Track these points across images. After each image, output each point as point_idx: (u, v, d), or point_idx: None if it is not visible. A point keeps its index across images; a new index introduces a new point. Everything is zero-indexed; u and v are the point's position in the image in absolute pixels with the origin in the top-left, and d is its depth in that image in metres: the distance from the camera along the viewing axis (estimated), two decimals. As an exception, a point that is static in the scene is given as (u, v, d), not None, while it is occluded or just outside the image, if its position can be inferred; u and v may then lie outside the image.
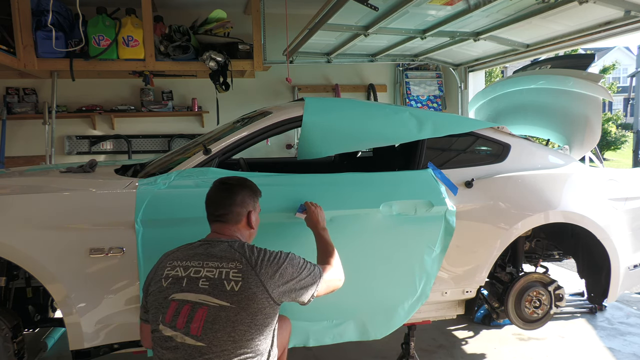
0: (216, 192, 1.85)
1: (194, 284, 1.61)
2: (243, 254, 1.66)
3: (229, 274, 1.60)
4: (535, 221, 2.69)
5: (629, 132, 15.89)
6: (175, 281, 1.64)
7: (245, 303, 1.57)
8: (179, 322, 1.58)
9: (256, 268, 1.63)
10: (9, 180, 2.43)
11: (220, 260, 1.65)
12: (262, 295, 1.60)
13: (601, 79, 3.07)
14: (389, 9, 3.41)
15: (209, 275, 1.61)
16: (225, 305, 1.56)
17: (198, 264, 1.66)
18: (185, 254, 1.72)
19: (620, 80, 32.61)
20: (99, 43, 4.29)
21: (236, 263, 1.63)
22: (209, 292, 1.58)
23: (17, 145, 5.24)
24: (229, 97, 5.25)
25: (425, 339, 3.43)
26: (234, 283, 1.58)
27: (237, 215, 1.82)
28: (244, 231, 1.85)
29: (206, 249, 1.71)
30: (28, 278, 2.49)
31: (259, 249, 1.72)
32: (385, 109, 2.85)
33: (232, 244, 1.71)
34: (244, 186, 1.88)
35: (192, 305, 1.58)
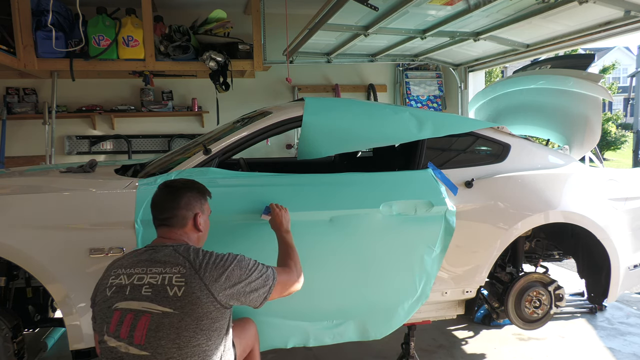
0: (160, 196, 1.79)
1: (137, 291, 1.57)
2: (187, 257, 1.62)
3: (172, 279, 1.56)
4: (535, 221, 2.69)
5: (629, 132, 15.89)
6: (118, 290, 1.59)
7: (189, 308, 1.52)
8: (122, 331, 1.53)
9: (200, 272, 1.58)
10: (9, 180, 2.43)
11: (164, 266, 1.60)
12: (207, 299, 1.55)
13: (601, 79, 3.07)
14: (389, 9, 3.41)
15: (152, 281, 1.57)
16: (168, 312, 1.52)
17: (142, 270, 1.61)
18: (129, 261, 1.67)
19: (620, 80, 32.61)
20: (99, 43, 4.29)
21: (179, 268, 1.59)
22: (151, 299, 1.54)
23: (17, 145, 5.24)
24: (229, 97, 5.25)
25: (425, 339, 3.43)
26: (176, 288, 1.54)
27: (183, 218, 1.76)
28: (192, 235, 1.79)
29: (150, 254, 1.66)
30: (28, 278, 2.49)
31: (205, 251, 1.67)
32: (385, 109, 2.85)
33: (177, 248, 1.66)
34: (190, 188, 1.82)
35: (135, 313, 1.54)
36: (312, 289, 2.37)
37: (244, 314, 2.21)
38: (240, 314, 2.21)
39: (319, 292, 2.40)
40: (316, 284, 2.38)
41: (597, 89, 3.05)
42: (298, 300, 2.37)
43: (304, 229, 2.34)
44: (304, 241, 2.34)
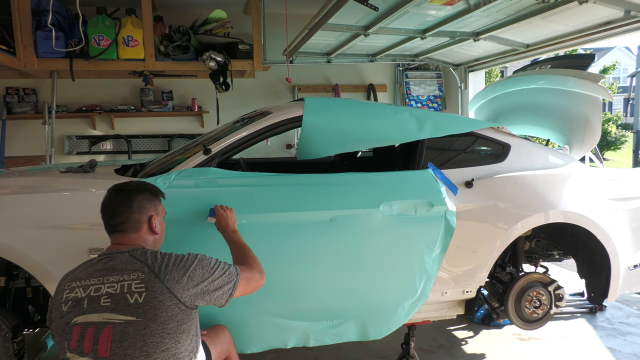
0: (110, 200, 1.70)
1: (96, 303, 1.51)
2: (145, 262, 1.57)
3: (131, 286, 1.51)
4: (535, 221, 2.69)
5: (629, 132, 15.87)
6: (75, 304, 1.53)
7: (152, 314, 1.48)
8: (85, 346, 1.48)
9: (160, 275, 1.53)
10: (9, 180, 2.43)
11: (121, 273, 1.54)
12: (170, 302, 1.51)
13: (601, 79, 3.07)
14: (389, 9, 3.41)
15: (110, 291, 1.51)
16: (131, 320, 1.47)
17: (98, 280, 1.55)
18: (84, 272, 1.60)
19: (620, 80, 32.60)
20: (99, 43, 4.29)
21: (138, 273, 1.53)
22: (112, 309, 1.49)
23: (17, 145, 5.24)
24: (229, 97, 5.25)
25: (425, 339, 3.43)
26: (137, 295, 1.49)
27: (137, 222, 1.69)
28: (147, 238, 1.72)
29: (106, 263, 1.59)
30: (28, 278, 2.49)
31: (164, 254, 1.62)
32: (385, 109, 2.85)
33: (133, 253, 1.60)
34: (142, 190, 1.75)
35: (95, 326, 1.48)
36: (312, 289, 2.38)
37: (217, 320, 2.19)
38: (214, 320, 2.19)
39: (319, 292, 2.40)
40: (316, 284, 2.38)
41: (597, 89, 3.05)
42: (298, 300, 2.38)
43: (304, 229, 2.35)
44: (304, 241, 2.34)
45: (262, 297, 2.30)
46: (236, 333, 2.22)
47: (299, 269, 2.35)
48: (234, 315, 2.22)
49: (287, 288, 2.34)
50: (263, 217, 2.32)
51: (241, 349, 2.27)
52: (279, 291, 2.32)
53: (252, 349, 2.32)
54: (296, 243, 2.33)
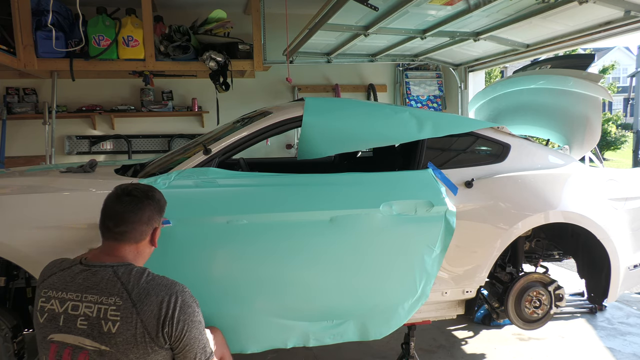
0: (120, 206, 1.57)
1: (72, 323, 1.43)
2: (126, 285, 1.43)
3: (107, 312, 1.40)
4: (535, 221, 2.69)
5: (629, 132, 15.86)
6: (51, 318, 1.45)
7: (123, 347, 1.38)
8: None
9: (137, 304, 1.40)
10: (9, 180, 2.43)
11: (100, 294, 1.43)
12: (142, 339, 1.39)
13: (601, 79, 3.07)
14: (389, 9, 3.41)
15: (88, 312, 1.42)
16: (104, 350, 1.39)
17: (76, 297, 1.45)
18: (62, 281, 1.49)
19: (620, 80, 32.61)
20: (99, 43, 4.28)
21: (115, 299, 1.41)
22: (87, 334, 1.41)
23: (17, 145, 5.24)
24: (229, 97, 5.25)
25: (425, 339, 3.43)
26: (111, 324, 1.39)
27: (141, 234, 1.58)
28: (144, 250, 1.61)
29: (86, 278, 1.47)
30: (28, 278, 2.48)
31: (149, 278, 1.48)
32: (385, 109, 2.85)
33: (117, 271, 1.47)
34: (152, 199, 1.63)
35: (72, 349, 1.42)
36: (312, 289, 2.38)
37: (214, 321, 2.17)
38: (209, 322, 2.16)
39: (319, 292, 2.40)
40: (316, 284, 2.38)
41: (597, 89, 3.05)
42: (298, 300, 2.38)
43: (304, 229, 2.35)
44: (304, 241, 2.34)
45: (262, 297, 2.31)
46: (236, 333, 2.22)
47: (299, 269, 2.35)
48: (233, 315, 2.22)
49: (287, 288, 2.34)
50: (263, 217, 2.31)
51: (241, 349, 2.27)
52: (279, 291, 2.33)
53: (252, 349, 2.32)
54: (296, 243, 2.33)
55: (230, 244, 2.24)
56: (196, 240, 2.20)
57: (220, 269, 2.26)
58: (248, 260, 2.27)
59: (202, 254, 2.22)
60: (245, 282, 2.28)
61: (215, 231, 2.22)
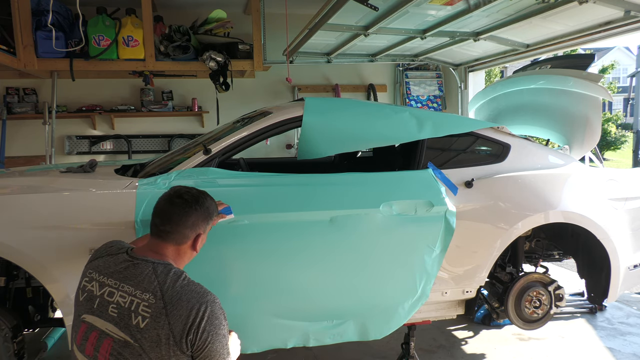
0: (169, 206, 1.62)
1: (105, 308, 1.47)
2: (161, 285, 1.46)
3: (139, 307, 1.43)
4: (535, 221, 2.69)
5: (629, 132, 15.86)
6: (89, 298, 1.51)
7: (148, 345, 1.40)
8: (87, 348, 1.47)
9: (168, 306, 1.42)
10: (9, 180, 2.43)
11: (136, 287, 1.46)
12: (167, 341, 1.40)
13: (601, 79, 3.07)
14: (389, 9, 3.41)
15: (121, 301, 1.45)
16: (129, 342, 1.41)
17: (115, 284, 1.49)
18: (105, 266, 1.56)
19: (620, 80, 32.61)
20: (99, 43, 4.29)
21: (149, 295, 1.44)
22: (116, 323, 1.44)
23: (17, 145, 5.24)
24: (229, 97, 5.25)
25: (425, 339, 3.43)
26: (140, 318, 1.41)
27: (184, 237, 1.61)
28: (185, 253, 1.64)
29: (127, 267, 1.52)
30: (28, 278, 2.49)
31: (186, 283, 1.49)
32: (385, 109, 2.85)
33: (156, 268, 1.50)
34: (201, 205, 1.66)
35: (99, 333, 1.46)
36: (312, 289, 2.38)
37: (247, 312, 2.20)
38: (244, 312, 2.20)
39: (319, 292, 2.40)
40: (316, 284, 2.38)
41: (597, 89, 3.05)
42: (298, 300, 2.38)
43: (304, 229, 2.35)
44: (304, 241, 2.34)
45: (262, 297, 2.31)
46: (236, 333, 2.21)
47: (299, 269, 2.35)
48: (233, 315, 2.22)
49: (287, 288, 2.34)
50: (263, 217, 2.32)
51: (241, 349, 2.27)
52: (279, 291, 2.33)
53: (252, 349, 2.32)
54: (296, 243, 2.33)
55: (230, 244, 2.24)
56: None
57: (220, 269, 2.25)
58: (248, 260, 2.28)
59: (202, 253, 2.21)
60: (245, 282, 2.28)
61: (216, 231, 2.22)
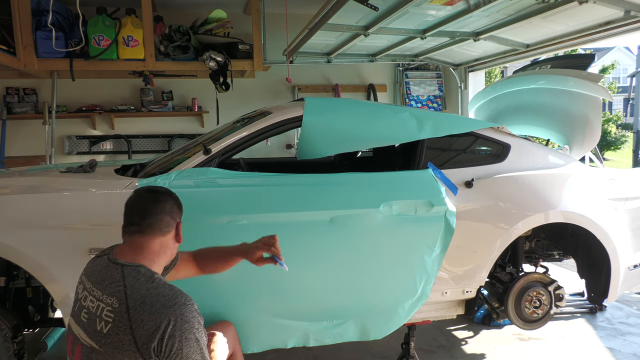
0: (140, 199, 1.58)
1: (79, 312, 1.46)
2: (126, 289, 1.39)
3: (103, 312, 1.38)
4: (535, 221, 2.69)
5: (629, 132, 15.87)
6: (75, 301, 1.52)
7: (110, 351, 1.35)
8: (69, 349, 1.48)
9: (130, 310, 1.35)
10: (9, 180, 2.43)
11: (103, 291, 1.42)
12: (130, 347, 1.33)
13: (601, 79, 3.07)
14: (389, 9, 3.41)
15: (90, 306, 1.43)
16: (94, 347, 1.38)
17: (90, 288, 1.47)
18: (91, 269, 1.54)
19: (620, 80, 32.61)
20: (99, 43, 4.29)
21: (113, 300, 1.38)
22: (84, 328, 1.42)
23: (17, 145, 5.24)
24: (229, 97, 5.25)
25: (425, 339, 3.43)
26: (104, 323, 1.37)
27: (167, 224, 1.56)
28: (168, 243, 1.59)
29: (100, 271, 1.49)
30: (28, 278, 2.49)
31: (152, 286, 1.41)
32: (385, 109, 2.85)
33: (124, 271, 1.44)
34: (171, 195, 1.64)
35: (74, 337, 1.46)
36: (312, 289, 2.39)
37: (246, 312, 2.21)
38: (218, 316, 2.19)
39: (319, 292, 2.40)
40: (316, 284, 2.38)
41: (597, 89, 3.05)
42: (298, 300, 2.38)
43: (304, 229, 2.35)
44: (304, 241, 2.34)
45: (262, 297, 2.31)
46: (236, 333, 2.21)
47: (299, 269, 2.34)
48: (233, 315, 2.22)
49: (287, 288, 2.34)
50: (263, 217, 2.32)
51: (242, 349, 2.27)
52: (279, 291, 2.33)
53: (252, 349, 2.32)
54: (296, 243, 2.32)
55: (230, 244, 2.24)
56: (196, 241, 2.20)
57: (220, 269, 2.25)
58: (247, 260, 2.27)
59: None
60: (245, 282, 2.28)
61: (216, 231, 2.22)
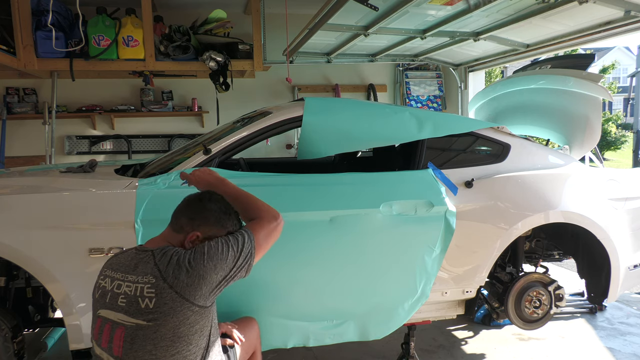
0: (201, 202, 1.70)
1: (115, 300, 1.53)
2: (158, 265, 1.51)
3: (143, 290, 1.49)
4: (535, 221, 2.69)
5: (629, 132, 15.88)
6: (103, 294, 1.58)
7: (162, 320, 1.46)
8: (103, 341, 1.53)
9: (168, 280, 1.48)
10: (9, 180, 2.43)
11: (138, 274, 1.53)
12: (182, 306, 1.47)
13: (601, 79, 3.06)
14: (389, 9, 3.41)
15: (127, 291, 1.52)
16: (141, 324, 1.47)
17: (121, 277, 1.56)
18: (117, 262, 1.62)
19: (620, 80, 32.61)
20: (99, 43, 4.29)
21: (149, 277, 1.50)
22: (125, 311, 1.50)
23: (17, 145, 5.24)
24: (229, 97, 5.25)
25: (425, 339, 3.43)
26: (148, 300, 1.48)
27: (187, 226, 1.64)
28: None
29: (132, 259, 1.59)
30: (28, 278, 2.49)
31: (179, 255, 1.54)
32: (385, 109, 2.85)
33: (155, 253, 1.56)
34: (229, 214, 1.72)
35: (112, 324, 1.52)
36: (312, 289, 2.38)
37: (247, 312, 2.21)
38: (243, 312, 2.21)
39: (319, 292, 2.40)
40: (316, 284, 2.38)
41: (597, 89, 3.05)
42: (298, 300, 2.38)
43: (304, 229, 2.35)
44: (304, 241, 2.34)
45: (262, 297, 2.31)
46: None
47: (299, 269, 2.35)
48: (233, 315, 2.22)
49: (287, 288, 2.34)
50: None
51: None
52: (279, 291, 2.33)
53: (252, 349, 2.32)
54: (296, 243, 2.32)
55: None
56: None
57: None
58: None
59: None
60: (245, 282, 2.27)
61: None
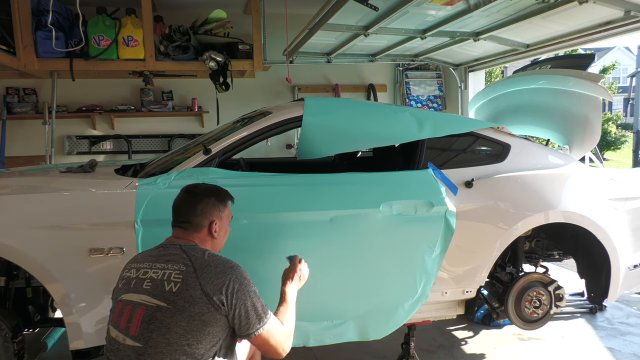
0: (180, 200, 1.81)
1: (140, 285, 1.61)
2: (190, 256, 1.64)
3: (171, 275, 1.59)
4: (535, 221, 2.69)
5: (629, 132, 15.88)
6: (126, 282, 1.66)
7: (181, 305, 1.53)
8: (122, 322, 1.58)
9: (198, 270, 1.59)
10: (9, 180, 2.43)
11: (167, 262, 1.63)
12: (200, 299, 1.54)
13: (601, 79, 3.06)
14: (389, 9, 3.41)
15: (154, 276, 1.61)
16: (161, 306, 1.54)
17: (148, 265, 1.66)
18: (142, 257, 1.72)
19: (620, 80, 32.60)
20: (99, 43, 4.29)
21: (180, 265, 1.61)
22: (149, 293, 1.58)
23: (17, 145, 5.24)
24: (229, 97, 5.25)
25: (425, 339, 3.43)
26: (173, 284, 1.56)
27: (197, 225, 1.77)
28: (206, 240, 1.80)
29: (159, 251, 1.70)
30: (28, 278, 2.49)
31: (212, 254, 1.68)
32: (385, 109, 2.85)
33: (184, 247, 1.68)
34: (208, 195, 1.82)
35: (133, 305, 1.58)
36: (312, 289, 2.38)
37: None
38: None
39: (319, 292, 2.39)
40: (316, 284, 2.38)
41: (597, 89, 3.05)
42: (298, 300, 2.38)
43: (304, 229, 2.35)
44: (304, 241, 2.34)
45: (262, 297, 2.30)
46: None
47: (299, 269, 2.34)
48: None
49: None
50: (263, 217, 2.32)
51: (241, 349, 2.27)
52: (278, 291, 2.32)
53: (252, 349, 2.32)
54: (296, 243, 2.33)
55: (229, 244, 2.24)
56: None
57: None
58: (248, 261, 2.27)
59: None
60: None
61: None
